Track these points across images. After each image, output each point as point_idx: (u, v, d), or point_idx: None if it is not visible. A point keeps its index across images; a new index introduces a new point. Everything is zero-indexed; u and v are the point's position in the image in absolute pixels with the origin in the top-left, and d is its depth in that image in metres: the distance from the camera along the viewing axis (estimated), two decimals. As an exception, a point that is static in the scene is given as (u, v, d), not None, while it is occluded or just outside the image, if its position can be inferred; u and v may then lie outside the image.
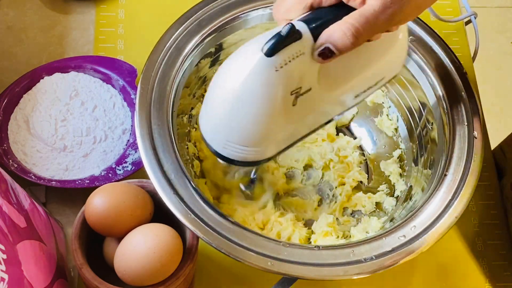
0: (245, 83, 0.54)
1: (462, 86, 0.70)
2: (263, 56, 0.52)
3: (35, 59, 0.83)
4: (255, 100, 0.54)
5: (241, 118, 0.55)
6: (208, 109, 0.58)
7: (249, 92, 0.54)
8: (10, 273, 0.52)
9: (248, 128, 0.56)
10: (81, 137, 0.75)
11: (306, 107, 0.57)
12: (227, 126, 0.57)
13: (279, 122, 0.56)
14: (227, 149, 0.58)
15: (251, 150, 0.58)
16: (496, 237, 0.78)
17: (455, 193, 0.64)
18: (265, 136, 0.57)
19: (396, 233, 0.62)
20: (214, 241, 0.60)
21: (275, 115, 0.55)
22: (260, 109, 0.54)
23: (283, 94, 0.54)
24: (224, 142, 0.57)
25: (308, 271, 0.60)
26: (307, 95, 0.56)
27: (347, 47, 0.53)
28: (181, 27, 0.71)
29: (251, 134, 0.56)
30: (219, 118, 0.57)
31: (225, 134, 0.57)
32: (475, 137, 0.67)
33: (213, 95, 0.57)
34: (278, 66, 0.52)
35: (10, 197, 0.58)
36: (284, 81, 0.53)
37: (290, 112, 0.56)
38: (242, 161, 0.59)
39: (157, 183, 0.62)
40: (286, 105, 0.55)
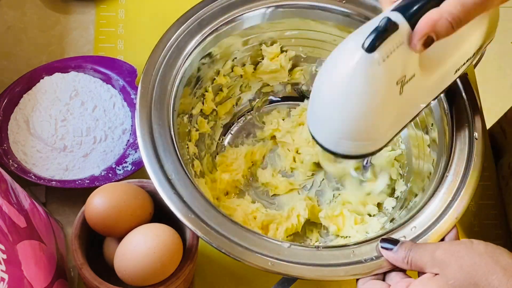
0: (352, 82, 0.54)
1: (462, 87, 0.70)
2: (365, 53, 0.53)
3: (35, 59, 0.83)
4: (364, 96, 0.55)
5: (351, 116, 0.56)
6: (316, 110, 0.59)
7: (357, 89, 0.55)
8: (10, 273, 0.52)
9: (359, 124, 0.57)
10: (81, 137, 0.75)
11: (412, 93, 0.58)
12: (338, 125, 0.58)
13: (388, 113, 0.57)
14: (340, 146, 0.59)
15: (365, 143, 0.59)
16: (496, 237, 0.78)
17: (456, 194, 0.64)
18: (377, 129, 0.58)
19: (396, 234, 0.62)
20: (214, 241, 0.60)
21: (384, 107, 0.56)
22: (369, 104, 0.55)
23: (389, 85, 0.55)
24: (337, 141, 0.59)
25: (309, 271, 0.59)
26: (412, 82, 0.57)
27: (448, 34, 0.54)
28: (182, 27, 0.71)
29: (363, 130, 0.57)
30: (329, 119, 0.58)
31: (337, 133, 0.58)
32: (475, 138, 0.67)
33: (320, 96, 0.58)
34: (381, 60, 0.53)
35: (10, 197, 0.58)
36: (388, 73, 0.54)
37: (398, 101, 0.57)
38: (356, 155, 0.60)
39: (157, 183, 0.62)
40: (393, 95, 0.56)
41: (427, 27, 0.54)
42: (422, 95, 0.61)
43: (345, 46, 0.56)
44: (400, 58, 0.54)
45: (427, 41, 0.54)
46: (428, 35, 0.54)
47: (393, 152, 0.77)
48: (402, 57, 0.55)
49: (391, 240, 0.60)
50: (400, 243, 0.59)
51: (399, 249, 0.59)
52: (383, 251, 0.60)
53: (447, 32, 0.54)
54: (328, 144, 0.60)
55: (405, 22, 0.54)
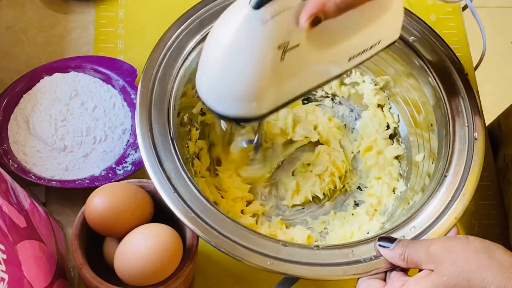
0: (234, 36, 0.55)
1: (463, 87, 0.70)
2: (251, 9, 0.53)
3: (35, 59, 0.83)
4: (244, 53, 0.56)
5: (232, 72, 0.57)
6: (203, 66, 0.60)
7: (238, 45, 0.55)
8: (10, 273, 0.52)
9: (239, 81, 0.57)
10: (81, 137, 0.75)
11: (295, 64, 0.58)
12: (220, 81, 0.58)
13: (268, 77, 0.57)
14: (222, 105, 0.59)
15: (244, 105, 0.59)
16: (496, 237, 0.78)
17: (455, 194, 0.64)
18: (256, 90, 0.58)
19: (395, 234, 0.62)
20: (213, 240, 0.60)
21: (264, 69, 0.56)
22: (249, 62, 0.56)
23: (271, 47, 0.55)
24: (218, 98, 0.59)
25: (308, 271, 0.60)
26: (295, 51, 0.57)
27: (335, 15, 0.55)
28: (182, 26, 0.71)
29: (242, 88, 0.58)
30: (212, 74, 0.58)
31: (219, 89, 0.59)
32: (475, 138, 0.67)
33: (206, 52, 0.59)
34: (265, 19, 0.54)
35: (10, 197, 0.58)
36: (271, 34, 0.55)
37: (279, 67, 0.57)
38: (237, 117, 0.60)
39: (157, 182, 0.62)
40: (274, 59, 0.56)
41: (316, 7, 0.54)
42: (309, 71, 0.61)
43: (235, 2, 0.56)
44: (286, 22, 0.55)
45: (315, 20, 0.55)
46: (316, 15, 0.55)
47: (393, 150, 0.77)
48: (287, 22, 0.55)
49: (388, 238, 0.60)
50: (397, 241, 0.59)
51: (396, 246, 0.59)
52: (381, 249, 0.60)
53: (334, 14, 0.55)
54: (211, 102, 0.60)
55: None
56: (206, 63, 0.59)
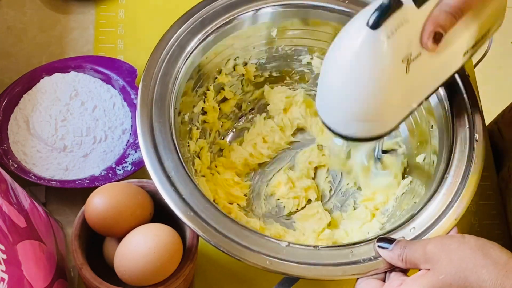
0: (357, 60, 0.55)
1: (463, 88, 0.70)
2: (369, 30, 0.53)
3: (35, 59, 0.83)
4: (370, 74, 0.55)
5: (358, 94, 0.57)
6: (324, 91, 0.59)
7: (363, 68, 0.55)
8: (10, 273, 0.52)
9: (367, 103, 0.57)
10: (81, 137, 0.75)
11: (419, 73, 0.58)
12: (345, 105, 0.58)
13: (395, 92, 0.57)
14: (348, 128, 0.59)
15: (374, 124, 0.59)
16: (496, 237, 0.78)
17: (455, 195, 0.64)
18: (385, 108, 0.58)
19: (395, 234, 0.62)
20: (213, 239, 0.60)
21: (391, 85, 0.57)
22: (376, 82, 0.56)
23: (395, 63, 0.56)
24: (344, 121, 0.59)
25: (307, 271, 0.59)
26: (418, 61, 0.57)
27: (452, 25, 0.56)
28: (184, 25, 0.71)
29: (371, 109, 0.58)
30: (336, 98, 0.58)
31: (344, 112, 0.58)
32: (476, 140, 0.67)
33: (327, 77, 0.59)
34: (385, 37, 0.54)
35: (10, 197, 0.58)
36: (393, 50, 0.55)
37: (405, 80, 0.57)
38: (366, 137, 0.60)
39: (157, 181, 0.62)
40: (399, 73, 0.56)
41: (431, 24, 0.56)
42: (430, 76, 0.61)
43: (350, 25, 0.56)
44: (405, 35, 0.55)
45: (436, 37, 0.56)
46: (434, 31, 0.56)
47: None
48: (407, 35, 0.55)
49: (387, 239, 0.60)
50: (396, 242, 0.59)
51: (395, 247, 0.59)
52: (380, 250, 0.60)
53: (451, 23, 0.56)
54: (337, 127, 0.60)
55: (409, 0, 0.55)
56: (327, 86, 0.59)
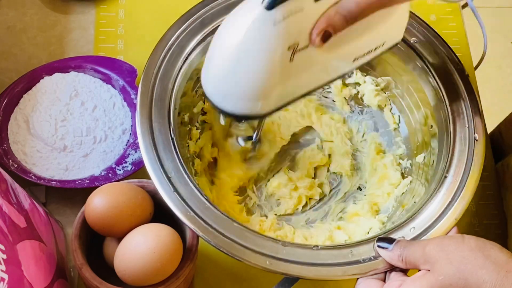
0: (245, 36, 0.55)
1: (463, 88, 0.70)
2: (263, 9, 0.53)
3: (35, 59, 0.83)
4: (254, 53, 0.56)
5: (240, 71, 0.57)
6: (209, 62, 0.60)
7: (248, 44, 0.55)
8: (10, 273, 0.52)
9: (246, 81, 0.57)
10: (81, 137, 0.75)
11: (303, 64, 0.59)
12: (226, 79, 0.58)
13: (276, 77, 0.58)
14: (226, 102, 0.60)
15: (249, 104, 0.59)
16: (496, 237, 0.78)
17: (455, 195, 0.64)
18: (263, 90, 0.58)
19: (395, 234, 0.62)
20: (213, 240, 0.60)
21: (272, 69, 0.57)
22: (258, 62, 0.56)
23: (281, 48, 0.56)
24: (224, 95, 0.59)
25: (307, 271, 0.60)
26: (304, 52, 0.57)
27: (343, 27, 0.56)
28: (183, 26, 0.71)
29: (249, 88, 0.58)
30: (220, 72, 0.58)
31: (225, 87, 0.59)
32: (475, 139, 0.67)
33: (214, 49, 0.59)
34: (277, 20, 0.54)
35: (10, 197, 0.58)
36: (282, 35, 0.55)
37: (287, 68, 0.57)
38: (241, 114, 0.60)
39: (157, 181, 0.62)
40: (283, 60, 0.57)
41: (323, 22, 0.56)
42: (314, 71, 0.61)
43: (246, 1, 0.56)
44: (296, 23, 0.55)
45: (325, 35, 0.56)
46: (325, 30, 0.56)
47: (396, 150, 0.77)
48: (298, 23, 0.55)
49: (387, 239, 0.60)
50: (396, 242, 0.59)
51: (394, 247, 0.59)
52: (380, 250, 0.60)
53: (342, 26, 0.56)
54: (216, 99, 0.60)
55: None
56: (213, 60, 0.59)
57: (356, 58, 0.63)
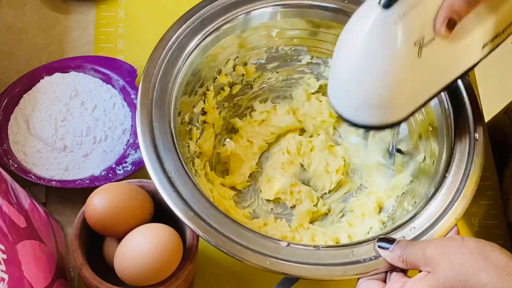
0: (368, 40, 0.54)
1: (463, 88, 0.70)
2: (381, 10, 0.52)
3: (35, 59, 0.83)
4: (381, 56, 0.54)
5: (369, 77, 0.55)
6: (335, 75, 0.58)
7: (374, 49, 0.54)
8: (10, 273, 0.52)
9: (377, 86, 0.56)
10: (81, 137, 0.75)
11: (432, 59, 0.56)
12: (356, 89, 0.56)
13: (406, 76, 0.56)
14: (360, 114, 0.58)
15: (385, 111, 0.57)
16: (496, 237, 0.78)
17: (455, 195, 0.64)
18: (396, 93, 0.56)
19: (395, 234, 0.62)
20: (213, 239, 0.60)
21: (402, 69, 0.55)
22: (386, 64, 0.54)
23: (407, 45, 0.54)
24: (356, 107, 0.57)
25: (307, 271, 0.59)
26: (432, 46, 0.56)
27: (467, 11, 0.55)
28: (183, 26, 0.71)
29: (381, 93, 0.56)
30: (347, 82, 0.56)
31: (356, 97, 0.57)
32: (476, 140, 0.67)
33: (338, 59, 0.57)
34: (397, 17, 0.52)
35: (10, 197, 0.58)
36: (405, 31, 0.53)
37: (417, 65, 0.56)
38: (378, 125, 0.59)
39: (157, 181, 0.62)
40: (411, 57, 0.55)
41: (445, 10, 0.54)
42: (444, 64, 0.59)
43: (362, 6, 0.55)
44: (418, 17, 0.54)
45: (450, 23, 0.54)
46: (448, 18, 0.54)
47: None
48: (420, 17, 0.54)
49: (387, 239, 0.60)
50: (396, 242, 0.59)
51: (395, 248, 0.59)
52: (380, 251, 0.60)
53: (466, 10, 0.54)
54: (348, 113, 0.58)
55: None
56: (339, 71, 0.57)
57: (485, 44, 0.61)
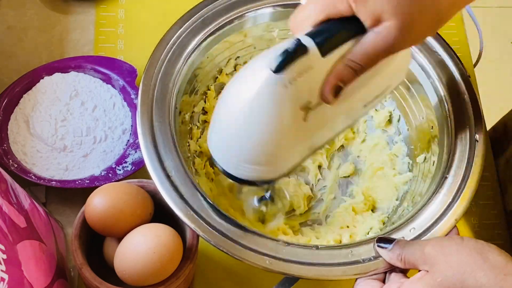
0: (254, 101, 0.53)
1: (464, 89, 0.70)
2: (271, 73, 0.51)
3: (35, 59, 0.83)
4: (266, 118, 0.53)
5: (252, 137, 0.54)
6: (217, 129, 0.57)
7: (259, 110, 0.53)
8: (10, 273, 0.52)
9: (260, 147, 0.55)
10: (81, 137, 0.75)
11: (317, 121, 0.57)
12: (238, 147, 0.56)
13: (291, 139, 0.56)
14: (239, 170, 0.57)
15: (265, 169, 0.57)
16: (496, 237, 0.78)
17: (455, 195, 0.64)
18: (279, 154, 0.56)
19: (395, 235, 0.62)
20: (213, 239, 0.60)
21: (287, 132, 0.55)
22: (271, 126, 0.54)
23: (294, 110, 0.54)
24: (236, 163, 0.57)
25: (307, 271, 0.60)
26: (318, 110, 0.56)
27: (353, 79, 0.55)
28: (185, 25, 0.71)
29: (264, 153, 0.55)
30: (229, 139, 0.56)
31: (237, 154, 0.56)
32: (476, 140, 0.67)
33: (221, 115, 0.56)
34: (287, 82, 0.52)
35: (10, 197, 0.58)
36: (293, 96, 0.53)
37: (302, 128, 0.56)
38: (256, 180, 0.58)
39: (157, 180, 0.62)
40: (297, 120, 0.55)
41: (334, 78, 0.54)
42: (328, 125, 0.59)
43: (253, 65, 0.54)
44: (307, 83, 0.53)
45: (336, 90, 0.55)
46: (335, 85, 0.54)
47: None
48: (308, 83, 0.53)
49: (387, 239, 0.60)
50: (395, 242, 0.59)
51: (394, 247, 0.59)
52: (379, 250, 0.60)
53: (351, 78, 0.55)
54: (228, 167, 0.57)
55: (315, 47, 0.53)
56: (222, 127, 0.56)
57: (366, 104, 0.62)
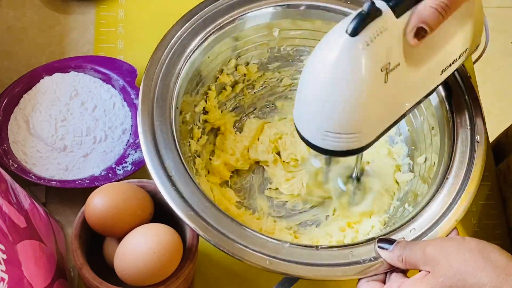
0: (335, 67, 0.54)
1: (465, 89, 0.70)
2: (348, 37, 0.53)
3: (35, 59, 0.83)
4: (348, 81, 0.55)
5: (336, 103, 0.56)
6: (301, 101, 0.58)
7: (340, 74, 0.55)
8: (10, 273, 0.52)
9: (345, 112, 0.56)
10: (81, 137, 0.75)
11: (397, 84, 0.58)
12: (323, 115, 0.57)
13: (374, 102, 0.57)
14: (326, 140, 0.58)
15: (351, 136, 0.58)
16: (496, 237, 0.78)
17: (456, 196, 0.64)
18: (363, 119, 0.57)
19: (395, 235, 0.62)
20: (213, 239, 0.60)
21: (369, 94, 0.56)
22: (353, 90, 0.55)
23: (374, 71, 0.55)
24: (323, 133, 0.58)
25: (307, 271, 0.60)
26: (397, 71, 0.57)
27: (438, 22, 0.55)
28: (186, 25, 0.71)
29: (349, 119, 0.57)
30: (314, 108, 0.57)
31: (322, 123, 0.57)
32: (477, 141, 0.67)
33: (305, 86, 0.58)
34: (364, 44, 0.54)
35: (10, 197, 0.58)
36: (372, 58, 0.54)
37: (383, 90, 0.57)
38: (344, 150, 0.59)
39: (157, 179, 0.62)
40: (378, 82, 0.56)
41: (415, 19, 0.55)
42: (408, 89, 0.61)
43: (330, 33, 0.56)
44: (384, 44, 0.55)
45: (419, 32, 0.56)
46: (417, 26, 0.55)
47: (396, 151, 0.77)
48: (385, 44, 0.55)
49: (387, 239, 0.60)
50: (396, 242, 0.59)
51: (395, 248, 0.59)
52: (380, 251, 0.60)
53: (436, 20, 0.55)
54: (315, 139, 0.59)
55: (388, 9, 0.55)
56: (306, 98, 0.58)
57: (444, 69, 0.63)
